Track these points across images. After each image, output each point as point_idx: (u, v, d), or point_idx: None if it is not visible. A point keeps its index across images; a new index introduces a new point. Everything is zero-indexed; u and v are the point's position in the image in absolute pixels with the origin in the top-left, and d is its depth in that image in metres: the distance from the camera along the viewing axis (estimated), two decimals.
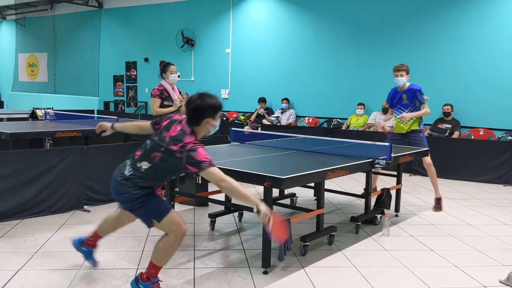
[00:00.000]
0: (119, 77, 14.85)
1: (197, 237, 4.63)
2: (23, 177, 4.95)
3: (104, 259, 3.94)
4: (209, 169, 2.99)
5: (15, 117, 9.67)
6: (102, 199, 5.69)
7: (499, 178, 7.73)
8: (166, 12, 13.40)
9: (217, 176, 3.01)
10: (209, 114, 3.13)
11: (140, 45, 14.09)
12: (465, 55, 9.14)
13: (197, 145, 3.03)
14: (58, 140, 6.97)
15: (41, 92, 16.91)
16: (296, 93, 11.13)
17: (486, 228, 5.20)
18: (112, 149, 5.89)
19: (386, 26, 9.99)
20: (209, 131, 3.22)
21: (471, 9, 9.04)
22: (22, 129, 6.47)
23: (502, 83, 8.76)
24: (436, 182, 6.06)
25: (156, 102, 5.74)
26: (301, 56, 11.12)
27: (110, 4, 14.85)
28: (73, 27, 15.85)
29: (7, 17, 18.05)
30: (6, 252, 4.07)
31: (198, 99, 3.11)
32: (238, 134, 5.70)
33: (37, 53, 17.21)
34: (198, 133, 3.18)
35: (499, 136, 8.75)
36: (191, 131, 3.12)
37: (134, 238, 4.54)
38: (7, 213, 4.88)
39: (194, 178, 5.63)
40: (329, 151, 5.07)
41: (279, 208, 5.42)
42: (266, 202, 3.75)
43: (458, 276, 3.83)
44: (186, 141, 3.03)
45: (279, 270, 3.84)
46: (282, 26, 11.42)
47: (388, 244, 4.57)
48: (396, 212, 5.63)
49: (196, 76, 12.96)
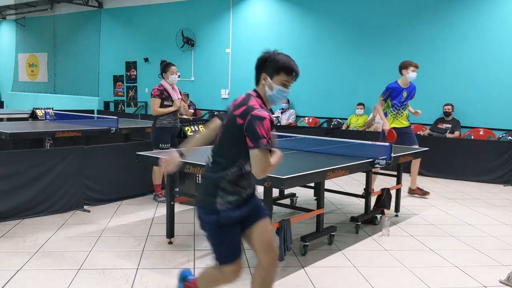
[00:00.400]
0: (119, 77, 14.84)
1: (197, 237, 4.63)
2: (23, 177, 4.95)
3: (104, 259, 3.94)
4: (264, 150, 2.38)
5: (15, 117, 9.68)
6: (102, 199, 5.70)
7: (499, 178, 7.73)
8: (166, 12, 13.40)
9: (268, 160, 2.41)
10: (269, 70, 2.52)
11: (140, 45, 14.08)
12: (465, 55, 9.13)
13: (263, 113, 2.41)
14: (58, 140, 6.97)
15: (41, 92, 16.91)
16: (296, 93, 11.12)
17: (486, 228, 5.20)
18: (112, 149, 5.90)
19: (386, 26, 9.99)
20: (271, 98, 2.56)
21: (472, 9, 9.03)
22: (22, 129, 6.47)
23: (502, 83, 8.76)
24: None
25: (156, 102, 5.73)
26: (301, 56, 11.10)
27: (110, 4, 14.85)
28: (73, 27, 15.85)
29: (7, 17, 18.05)
30: (6, 252, 4.07)
31: (266, 51, 2.57)
32: None
33: (37, 53, 17.21)
34: (264, 97, 2.57)
35: (499, 136, 8.74)
36: (257, 94, 2.56)
37: (134, 238, 4.54)
38: (7, 213, 4.88)
39: (193, 178, 5.65)
40: (329, 151, 5.07)
41: (279, 208, 5.43)
42: (266, 202, 3.77)
43: (458, 276, 3.83)
44: (251, 103, 2.46)
45: (279, 270, 3.83)
46: (282, 26, 11.42)
47: (388, 244, 4.57)
48: (396, 212, 5.63)
49: (196, 76, 12.96)
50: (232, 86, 12.36)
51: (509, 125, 8.73)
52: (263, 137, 2.35)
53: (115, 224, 4.97)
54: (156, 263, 3.91)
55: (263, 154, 2.36)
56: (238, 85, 12.25)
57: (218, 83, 12.51)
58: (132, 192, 6.06)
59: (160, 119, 5.80)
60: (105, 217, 5.19)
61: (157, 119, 5.82)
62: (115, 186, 5.85)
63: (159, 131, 5.81)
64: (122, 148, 6.01)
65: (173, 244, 4.38)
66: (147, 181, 6.03)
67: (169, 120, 5.84)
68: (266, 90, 2.54)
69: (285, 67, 2.50)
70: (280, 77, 2.51)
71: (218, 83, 12.51)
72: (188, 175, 5.66)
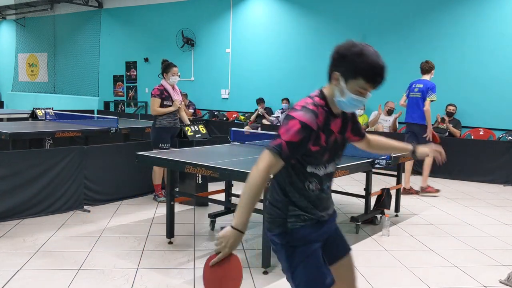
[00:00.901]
0: (119, 77, 14.84)
1: (197, 237, 4.63)
2: (23, 177, 4.95)
3: (104, 259, 3.94)
4: (271, 151, 1.88)
5: (15, 117, 9.67)
6: (102, 199, 5.70)
7: (499, 178, 7.72)
8: (166, 12, 13.40)
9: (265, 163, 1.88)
10: (345, 70, 1.92)
11: (140, 45, 14.08)
12: (465, 56, 9.13)
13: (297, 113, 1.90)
14: (58, 140, 6.97)
15: (41, 92, 16.91)
16: (296, 93, 11.09)
17: (486, 228, 5.20)
18: (112, 149, 5.90)
19: (386, 26, 9.99)
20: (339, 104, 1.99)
21: (472, 10, 9.03)
22: (22, 129, 6.47)
23: (502, 83, 8.76)
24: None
25: (156, 102, 5.73)
26: (301, 56, 11.12)
27: (110, 4, 14.85)
28: (73, 27, 15.85)
29: (7, 17, 18.05)
30: (6, 252, 4.07)
31: (349, 44, 1.99)
32: (238, 134, 5.69)
33: (37, 53, 17.21)
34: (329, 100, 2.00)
35: (499, 136, 8.74)
36: (319, 94, 2.04)
37: (134, 238, 4.53)
38: (7, 213, 4.88)
39: (194, 177, 5.65)
40: None
41: None
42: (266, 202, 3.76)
43: (458, 276, 3.83)
44: (298, 102, 2.00)
45: (279, 270, 3.82)
46: (282, 26, 11.42)
47: (388, 244, 4.57)
48: (396, 212, 5.63)
49: (196, 76, 12.95)
50: (232, 86, 12.36)
51: (509, 125, 8.73)
52: (277, 138, 1.88)
53: (115, 224, 4.97)
54: (156, 263, 3.91)
55: (265, 154, 1.89)
56: (238, 85, 12.25)
57: (218, 83, 12.51)
58: (132, 192, 6.05)
59: (160, 119, 5.80)
60: (105, 217, 5.19)
61: (157, 119, 5.82)
62: (115, 186, 5.85)
63: (159, 131, 5.81)
64: (122, 148, 6.01)
65: (173, 244, 4.38)
66: (147, 181, 6.03)
67: (169, 120, 5.84)
68: (335, 94, 1.99)
69: (367, 73, 1.90)
70: (356, 83, 1.91)
71: (218, 83, 12.51)
72: (188, 175, 5.65)
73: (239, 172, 3.64)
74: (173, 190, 4.57)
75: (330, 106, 2.00)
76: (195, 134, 6.04)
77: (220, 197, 4.98)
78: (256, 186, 1.87)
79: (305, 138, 1.88)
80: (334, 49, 1.98)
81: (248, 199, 1.88)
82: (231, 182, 5.15)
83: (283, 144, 1.86)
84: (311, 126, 1.88)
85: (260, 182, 1.87)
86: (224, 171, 3.69)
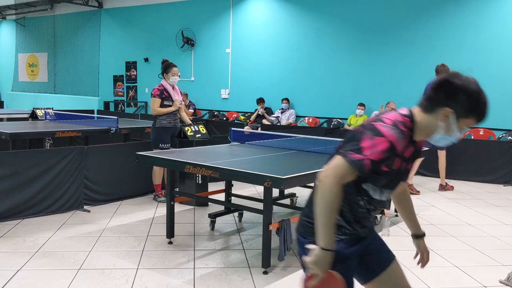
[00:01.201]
0: (119, 77, 14.84)
1: (197, 237, 4.63)
2: (22, 177, 4.95)
3: (104, 259, 3.94)
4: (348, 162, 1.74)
5: (15, 117, 9.67)
6: (101, 199, 5.70)
7: (499, 178, 7.73)
8: (166, 12, 13.40)
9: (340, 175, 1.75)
10: (459, 108, 1.76)
11: (140, 45, 14.08)
12: (465, 56, 9.13)
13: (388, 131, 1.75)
14: (58, 140, 6.97)
15: (41, 92, 16.91)
16: (296, 93, 11.12)
17: (486, 228, 5.20)
18: (112, 149, 5.90)
19: (386, 27, 9.99)
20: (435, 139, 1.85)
21: (472, 10, 9.03)
22: (22, 129, 6.46)
23: (502, 83, 8.76)
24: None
25: (156, 101, 5.73)
26: (301, 56, 11.12)
27: (110, 4, 14.85)
28: (73, 27, 15.85)
29: (7, 17, 18.05)
30: (6, 252, 4.07)
31: (453, 74, 1.79)
32: (238, 134, 5.69)
33: (37, 53, 17.21)
34: (418, 127, 1.84)
35: (499, 136, 8.74)
36: (409, 115, 1.84)
37: (134, 238, 4.54)
38: (7, 213, 4.88)
39: (194, 177, 5.65)
40: (329, 151, 5.06)
41: (279, 208, 5.43)
42: (266, 202, 3.77)
43: (458, 276, 3.83)
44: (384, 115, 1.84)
45: (279, 270, 3.83)
46: (282, 26, 11.42)
47: (388, 244, 4.55)
48: (396, 212, 5.63)
49: (196, 76, 12.96)
50: (232, 86, 12.37)
51: (509, 125, 8.74)
52: (358, 150, 1.73)
53: (115, 224, 4.97)
54: (156, 263, 3.91)
55: (341, 163, 1.75)
56: (238, 85, 12.25)
57: (218, 83, 12.51)
58: (132, 192, 6.06)
59: (160, 119, 5.80)
60: (105, 217, 5.19)
61: (157, 119, 5.82)
62: (115, 186, 5.85)
63: (159, 131, 5.81)
64: (122, 148, 6.01)
65: (173, 244, 4.38)
66: (147, 181, 6.03)
67: (169, 120, 5.84)
68: (437, 129, 1.82)
69: (481, 113, 1.78)
70: (466, 122, 1.79)
71: (218, 83, 12.51)
72: (188, 175, 5.66)
73: (239, 172, 3.64)
74: (173, 190, 4.57)
75: (415, 132, 1.86)
76: (195, 134, 6.04)
77: (220, 197, 4.98)
78: (333, 203, 1.76)
79: (387, 158, 1.77)
80: (445, 81, 1.79)
81: (327, 217, 1.77)
82: (231, 182, 5.16)
83: (366, 161, 1.73)
84: (397, 148, 1.77)
85: (336, 197, 1.76)
86: (224, 171, 3.69)
